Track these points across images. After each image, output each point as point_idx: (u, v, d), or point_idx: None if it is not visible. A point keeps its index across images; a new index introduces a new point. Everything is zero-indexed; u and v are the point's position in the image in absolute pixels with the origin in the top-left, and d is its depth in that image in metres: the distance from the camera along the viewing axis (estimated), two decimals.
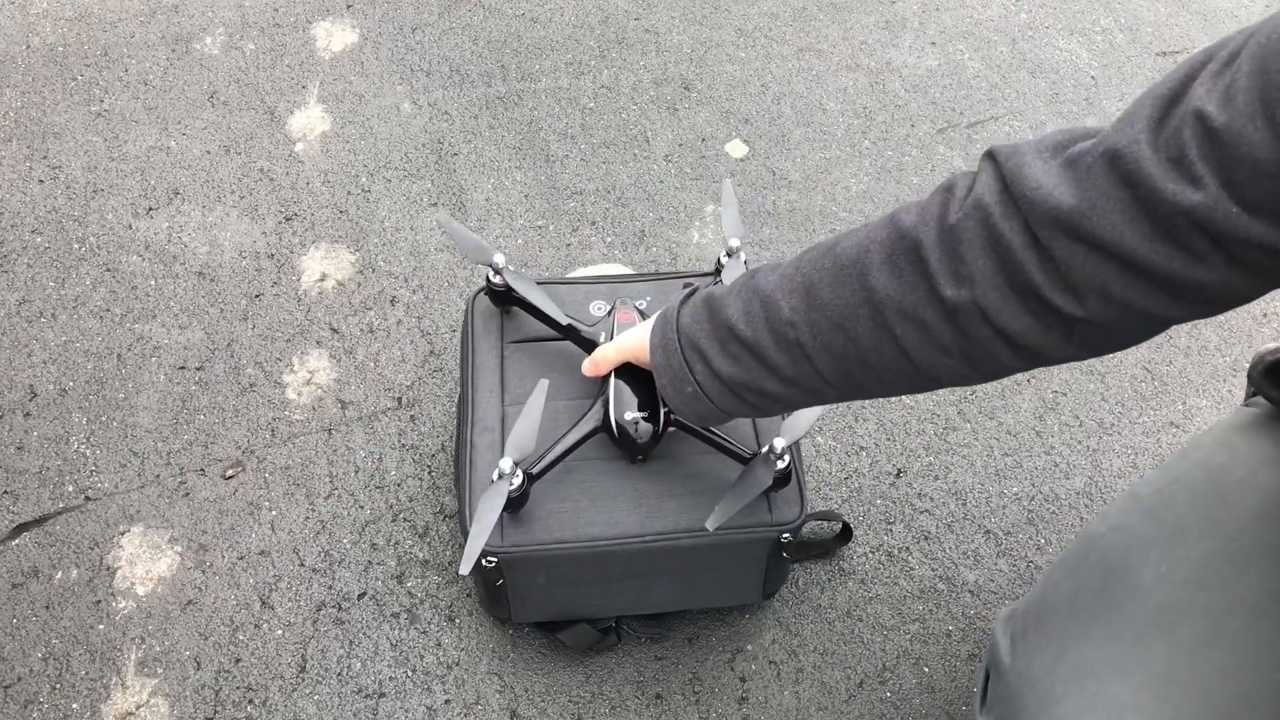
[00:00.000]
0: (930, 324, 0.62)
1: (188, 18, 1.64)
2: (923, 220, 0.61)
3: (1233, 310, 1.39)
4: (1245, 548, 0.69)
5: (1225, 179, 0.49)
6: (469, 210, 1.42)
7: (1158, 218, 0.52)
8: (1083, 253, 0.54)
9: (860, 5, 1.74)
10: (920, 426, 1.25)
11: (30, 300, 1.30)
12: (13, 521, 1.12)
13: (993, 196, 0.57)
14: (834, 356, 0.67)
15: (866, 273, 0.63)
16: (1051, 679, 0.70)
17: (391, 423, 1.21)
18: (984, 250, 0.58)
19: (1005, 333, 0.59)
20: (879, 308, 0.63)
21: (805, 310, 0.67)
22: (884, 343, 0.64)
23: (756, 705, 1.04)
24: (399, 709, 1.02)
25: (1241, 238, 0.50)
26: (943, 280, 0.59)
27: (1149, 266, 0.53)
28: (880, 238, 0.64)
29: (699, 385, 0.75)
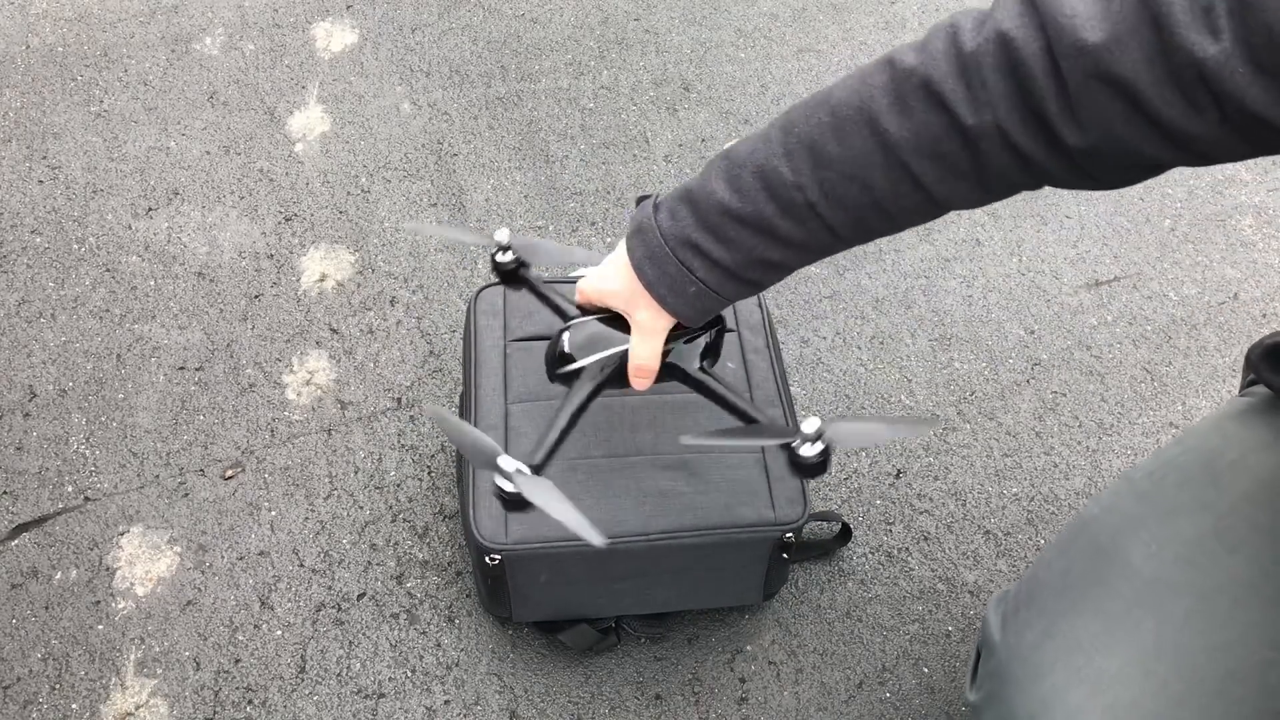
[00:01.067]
0: (949, 154, 0.62)
1: (187, 18, 1.64)
2: (929, 56, 0.61)
3: (1232, 308, 1.40)
4: (1235, 527, 0.70)
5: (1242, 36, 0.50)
6: (468, 211, 1.42)
7: (1173, 64, 0.52)
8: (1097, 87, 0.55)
9: (860, 5, 1.74)
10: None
11: (30, 300, 1.30)
12: (12, 522, 1.12)
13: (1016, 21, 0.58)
14: (847, 209, 0.66)
15: (875, 118, 0.62)
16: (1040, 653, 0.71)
17: (391, 423, 1.21)
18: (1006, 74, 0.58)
19: (1020, 152, 0.60)
20: (894, 149, 0.62)
21: (811, 169, 0.65)
22: (901, 182, 0.64)
23: (756, 705, 1.04)
24: (398, 709, 1.02)
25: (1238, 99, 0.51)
26: (963, 109, 0.60)
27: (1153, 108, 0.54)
28: (880, 82, 0.63)
29: (701, 281, 0.71)
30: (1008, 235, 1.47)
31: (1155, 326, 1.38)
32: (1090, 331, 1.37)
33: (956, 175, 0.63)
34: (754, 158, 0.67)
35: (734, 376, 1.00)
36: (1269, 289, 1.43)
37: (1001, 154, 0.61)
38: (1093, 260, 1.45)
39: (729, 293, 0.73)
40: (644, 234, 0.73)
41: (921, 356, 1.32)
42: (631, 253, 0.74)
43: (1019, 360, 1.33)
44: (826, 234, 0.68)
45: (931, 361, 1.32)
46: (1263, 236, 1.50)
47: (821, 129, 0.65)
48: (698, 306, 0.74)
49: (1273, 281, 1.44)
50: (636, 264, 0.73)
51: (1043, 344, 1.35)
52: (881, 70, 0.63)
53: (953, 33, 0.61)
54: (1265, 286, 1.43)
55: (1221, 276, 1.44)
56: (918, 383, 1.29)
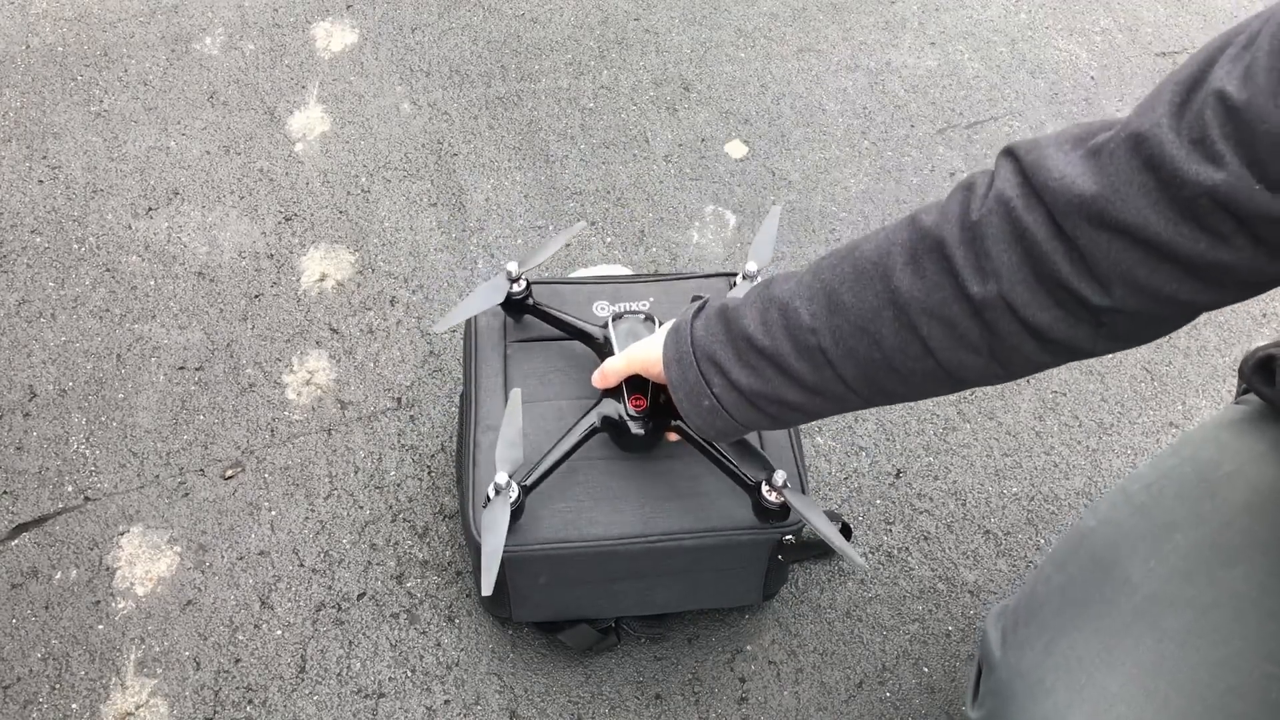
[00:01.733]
0: (957, 322, 0.61)
1: (187, 18, 1.64)
2: (944, 219, 0.61)
3: (1232, 308, 1.40)
4: (1233, 541, 0.69)
5: (1247, 157, 0.49)
6: (468, 211, 1.42)
7: (1181, 200, 0.51)
8: (1107, 239, 0.54)
9: (860, 5, 1.74)
10: (920, 427, 1.25)
11: (30, 300, 1.30)
12: (12, 522, 1.12)
13: (1014, 190, 0.57)
14: (858, 361, 0.66)
15: (889, 274, 0.63)
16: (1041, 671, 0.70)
17: (391, 423, 1.21)
18: (1009, 244, 0.58)
19: (1032, 326, 0.59)
20: (904, 308, 0.63)
21: (827, 315, 0.66)
22: (910, 344, 0.64)
23: (756, 705, 1.04)
24: (398, 709, 1.02)
25: (1265, 215, 0.50)
26: (968, 276, 0.59)
27: (1174, 250, 0.53)
28: (902, 239, 0.63)
29: (716, 398, 0.73)
30: None
31: None
32: None
33: (966, 346, 0.62)
34: (784, 296, 0.69)
35: None
36: None
37: (1010, 326, 0.60)
38: None
39: (742, 419, 0.74)
40: (679, 335, 0.76)
41: None
42: (666, 348, 0.78)
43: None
44: (839, 384, 0.68)
45: None
46: None
47: (842, 278, 0.66)
48: (711, 422, 0.76)
49: None
50: (666, 361, 0.78)
51: None
52: (905, 227, 0.64)
53: (967, 196, 0.61)
54: None
55: None
56: None
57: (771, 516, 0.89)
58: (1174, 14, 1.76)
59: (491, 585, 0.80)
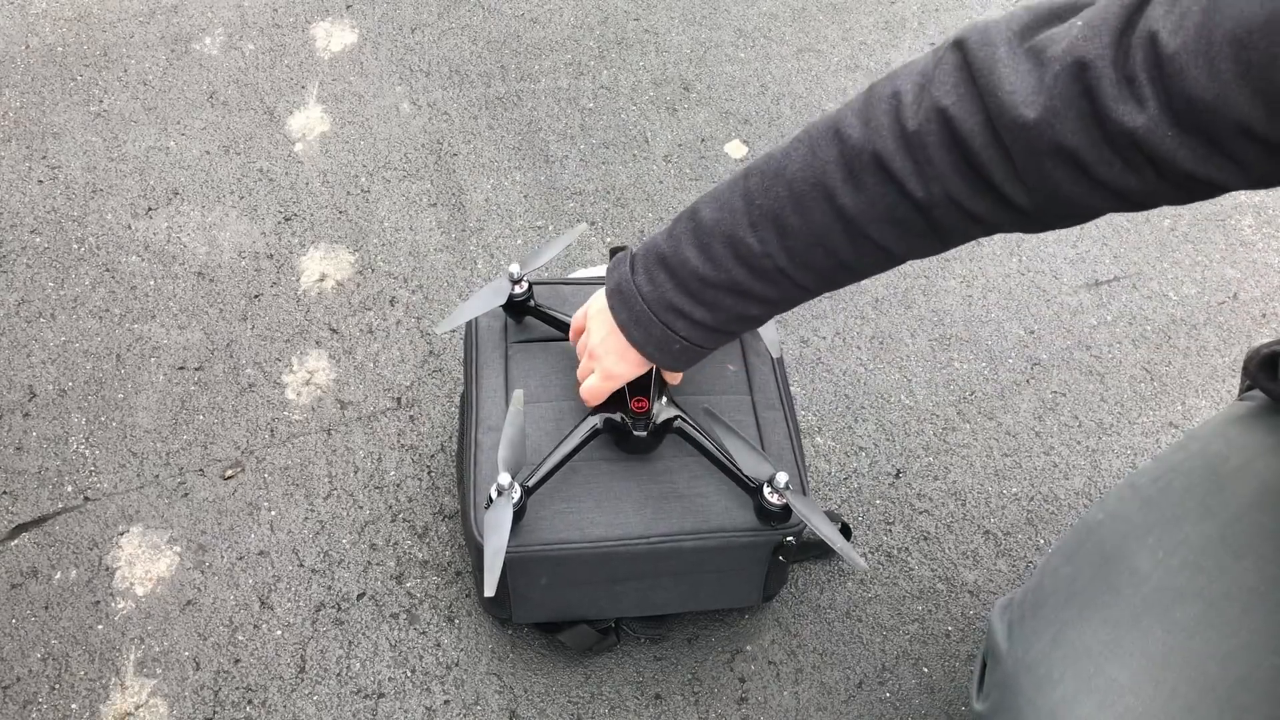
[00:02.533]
0: (904, 219, 0.65)
1: (187, 18, 1.64)
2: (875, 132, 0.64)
3: (1232, 308, 1.40)
4: (1242, 534, 0.70)
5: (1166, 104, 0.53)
6: (468, 211, 1.42)
7: (1107, 131, 0.55)
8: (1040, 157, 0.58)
9: (860, 5, 1.74)
10: (920, 427, 1.25)
11: (29, 300, 1.30)
12: (12, 522, 1.12)
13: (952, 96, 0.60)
14: (815, 270, 0.70)
15: (831, 194, 0.66)
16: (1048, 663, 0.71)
17: (391, 423, 1.21)
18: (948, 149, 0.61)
19: (972, 214, 0.64)
20: (853, 221, 0.66)
21: (777, 239, 0.69)
22: (863, 246, 0.68)
23: (756, 706, 1.04)
24: (398, 709, 1.02)
25: (1170, 160, 0.54)
26: (912, 184, 0.63)
27: (1094, 171, 0.57)
28: (831, 156, 0.66)
29: (685, 340, 0.77)
30: (1007, 235, 1.47)
31: (1155, 326, 1.38)
32: (1090, 331, 1.37)
33: (914, 235, 0.67)
34: (721, 227, 0.71)
35: (735, 379, 1.00)
36: (1269, 289, 1.43)
37: (954, 216, 0.64)
38: (1092, 260, 1.45)
39: (712, 344, 0.79)
40: (625, 297, 0.78)
41: (921, 356, 1.32)
42: (615, 314, 0.79)
43: (1019, 360, 1.33)
44: (797, 290, 0.73)
45: (931, 361, 1.32)
46: (1262, 236, 1.50)
47: (781, 202, 0.68)
48: (684, 358, 0.80)
49: (1272, 281, 1.44)
50: (621, 325, 0.79)
51: (1042, 344, 1.35)
52: (831, 143, 0.66)
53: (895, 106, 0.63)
54: (1265, 286, 1.43)
55: (1221, 276, 1.44)
56: (917, 382, 1.29)
57: (773, 518, 0.89)
58: None
59: (494, 586, 0.80)
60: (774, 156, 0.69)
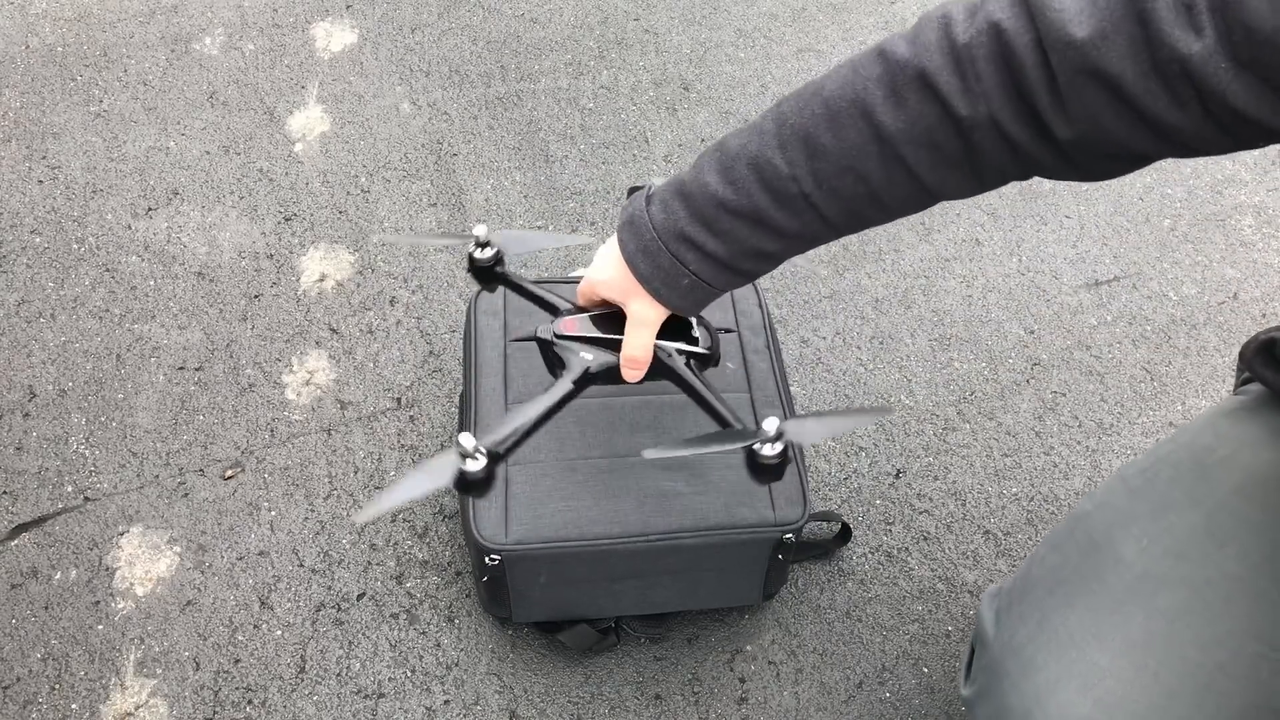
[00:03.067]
0: (943, 144, 0.62)
1: (187, 18, 1.64)
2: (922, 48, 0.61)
3: (1232, 308, 1.40)
4: (1226, 522, 0.70)
5: (1223, 33, 0.51)
6: (468, 211, 1.42)
7: (1158, 58, 0.53)
8: (1084, 80, 0.56)
9: (860, 5, 1.74)
10: (919, 427, 1.25)
11: (29, 300, 1.30)
12: (12, 522, 1.12)
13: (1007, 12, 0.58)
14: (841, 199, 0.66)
15: (870, 111, 0.63)
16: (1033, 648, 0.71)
17: (391, 423, 1.21)
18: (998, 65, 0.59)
19: (1013, 141, 0.61)
20: (889, 140, 0.63)
21: (806, 161, 0.65)
22: (896, 172, 0.64)
23: (756, 706, 1.04)
24: (398, 709, 1.02)
25: (1220, 95, 0.52)
26: (957, 101, 0.60)
27: (1139, 102, 0.55)
28: (874, 74, 0.63)
29: (694, 274, 0.72)
30: (1007, 235, 1.47)
31: (1155, 326, 1.38)
32: (1090, 331, 1.37)
33: (949, 164, 0.64)
34: (747, 150, 0.67)
35: (734, 377, 1.00)
36: (1269, 289, 1.43)
37: (994, 143, 0.61)
38: (1092, 260, 1.45)
39: (722, 283, 0.74)
40: (636, 227, 0.73)
41: (921, 356, 1.32)
42: (624, 246, 0.74)
43: (1019, 360, 1.33)
44: (820, 224, 0.68)
45: (931, 361, 1.32)
46: (1262, 236, 1.50)
47: (815, 121, 0.65)
48: (691, 298, 0.74)
49: (1272, 281, 1.44)
50: (629, 257, 0.74)
51: (1042, 344, 1.35)
52: (874, 62, 0.63)
53: (945, 23, 0.61)
54: (1265, 286, 1.43)
55: (1221, 276, 1.44)
56: (917, 383, 1.29)
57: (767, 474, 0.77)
58: None
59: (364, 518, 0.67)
60: (812, 81, 0.67)
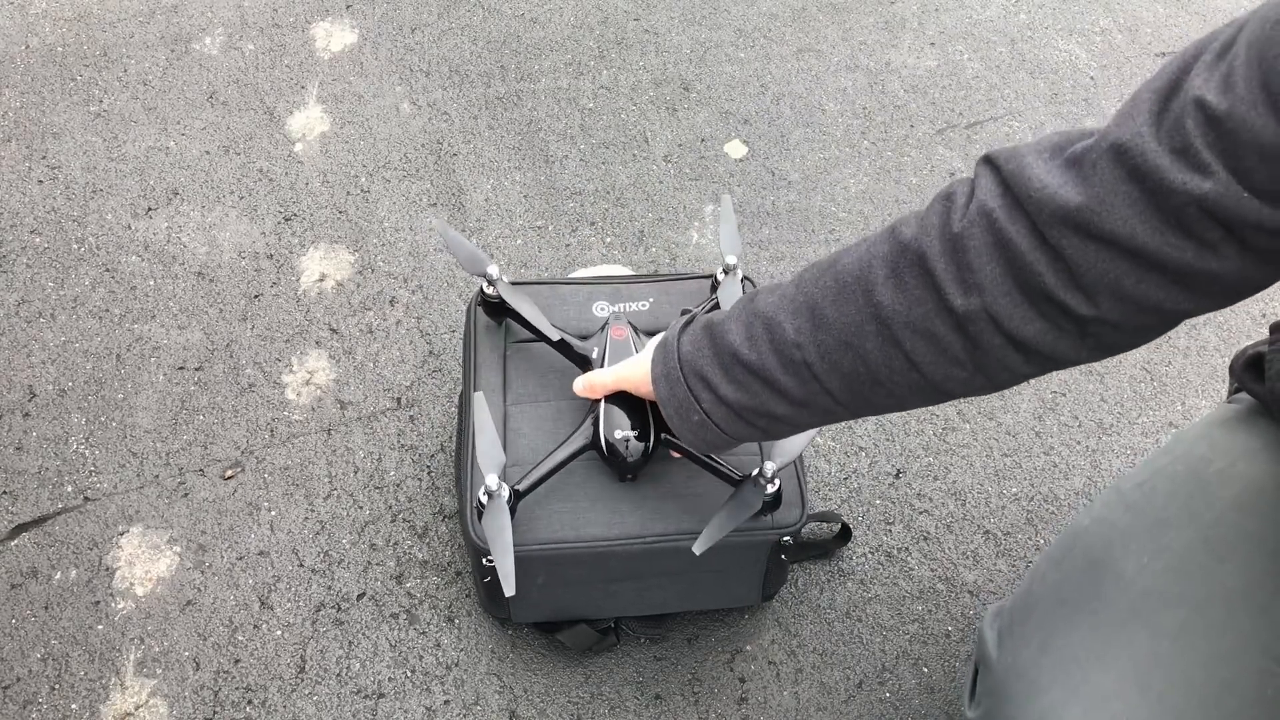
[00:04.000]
0: (940, 336, 0.61)
1: (187, 18, 1.64)
2: (924, 231, 0.60)
3: (1233, 309, 1.40)
4: (1225, 537, 0.70)
5: (1232, 166, 0.49)
6: (468, 211, 1.42)
7: (1168, 209, 0.51)
8: (1094, 250, 0.54)
9: (860, 5, 1.74)
10: (919, 427, 1.25)
11: (29, 300, 1.30)
12: (11, 522, 1.12)
13: (995, 200, 0.57)
14: (843, 375, 0.66)
15: (871, 289, 0.62)
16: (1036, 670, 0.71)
17: (391, 423, 1.21)
18: (991, 255, 0.57)
19: (1017, 339, 0.59)
20: (886, 323, 0.62)
21: (811, 330, 0.66)
22: (894, 358, 0.63)
23: (756, 705, 1.04)
24: (398, 709, 1.02)
25: (1254, 223, 0.50)
26: (951, 290, 0.59)
27: (1161, 259, 0.52)
28: (882, 252, 0.63)
29: (705, 413, 0.73)
30: None
31: None
32: None
33: (949, 360, 0.62)
34: (767, 310, 0.69)
35: None
36: (1269, 289, 1.43)
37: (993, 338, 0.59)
38: None
39: (732, 431, 0.74)
40: (666, 351, 0.76)
41: None
42: (654, 365, 0.78)
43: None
44: (826, 397, 0.68)
45: None
46: None
47: (824, 292, 0.65)
48: (700, 436, 0.76)
49: None
50: (654, 378, 0.77)
51: None
52: (885, 240, 0.63)
53: (948, 206, 0.60)
54: None
55: None
56: None
57: (766, 509, 0.89)
58: (1173, 14, 1.76)
59: (513, 584, 0.79)
60: (841, 250, 0.67)
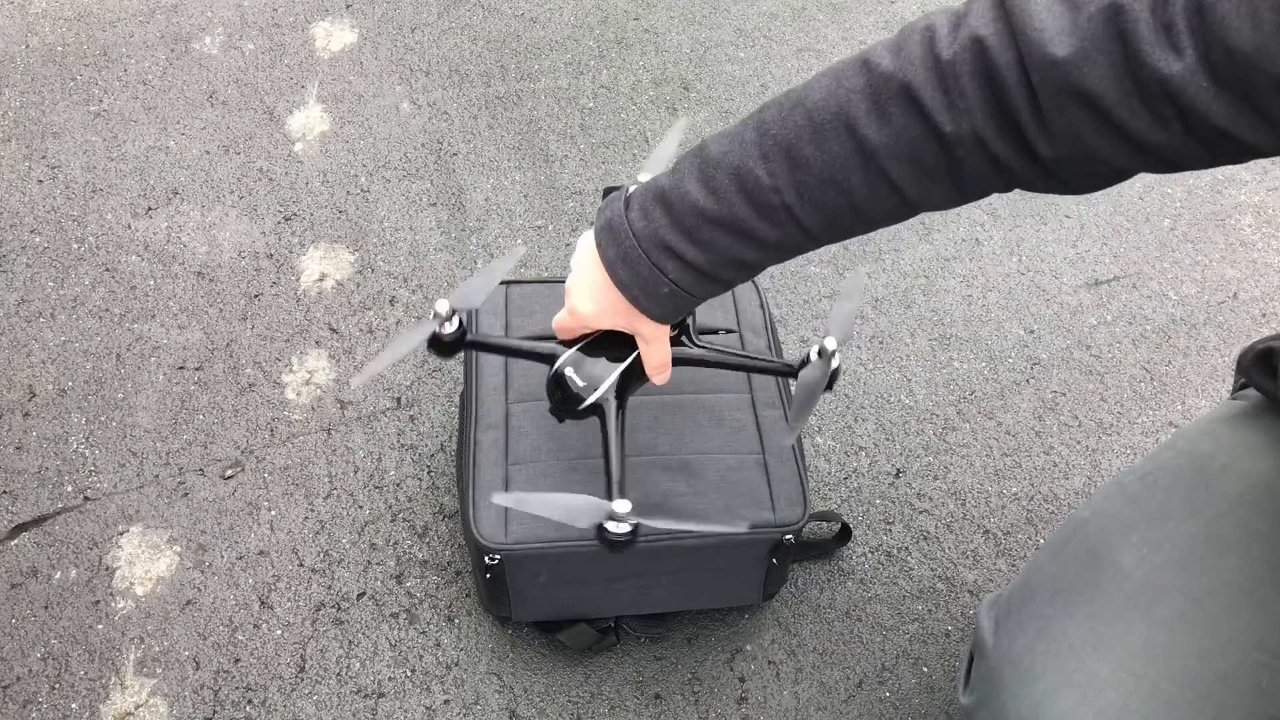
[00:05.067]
0: (925, 158, 0.62)
1: (187, 18, 1.64)
2: (906, 62, 0.61)
3: (1232, 308, 1.40)
4: (1226, 531, 0.70)
5: (1204, 54, 0.51)
6: (468, 211, 1.42)
7: (1139, 79, 0.53)
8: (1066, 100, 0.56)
9: (860, 5, 1.74)
10: (919, 427, 1.25)
11: (29, 300, 1.30)
12: (11, 521, 1.12)
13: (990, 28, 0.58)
14: (824, 211, 0.66)
15: (853, 123, 0.62)
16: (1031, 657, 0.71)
17: (391, 423, 1.21)
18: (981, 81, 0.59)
19: (995, 156, 0.61)
20: (872, 154, 0.63)
21: (788, 172, 0.65)
22: (878, 185, 0.64)
23: (756, 705, 1.04)
24: (398, 709, 1.02)
25: (1202, 113, 0.52)
26: (940, 116, 0.60)
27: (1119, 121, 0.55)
28: (858, 85, 0.62)
29: (673, 283, 0.71)
30: (1007, 235, 1.47)
31: (1155, 326, 1.38)
32: (1090, 331, 1.37)
33: (932, 178, 0.63)
34: (729, 159, 0.67)
35: (735, 377, 1.00)
36: (1268, 288, 1.43)
37: (978, 159, 0.61)
38: (1092, 260, 1.45)
39: (701, 292, 0.73)
40: (615, 232, 0.72)
41: (921, 356, 1.32)
42: (602, 251, 0.73)
43: (1019, 360, 1.33)
44: (801, 235, 0.68)
45: (931, 361, 1.32)
46: (1262, 236, 1.50)
47: (799, 132, 0.64)
48: (670, 306, 0.74)
49: (1272, 281, 1.44)
50: (608, 262, 0.72)
51: (1042, 344, 1.35)
52: (858, 73, 0.63)
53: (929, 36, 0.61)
54: (1265, 286, 1.43)
55: (1221, 276, 1.44)
56: (917, 382, 1.29)
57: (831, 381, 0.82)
58: None
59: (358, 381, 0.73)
60: (794, 90, 0.66)
